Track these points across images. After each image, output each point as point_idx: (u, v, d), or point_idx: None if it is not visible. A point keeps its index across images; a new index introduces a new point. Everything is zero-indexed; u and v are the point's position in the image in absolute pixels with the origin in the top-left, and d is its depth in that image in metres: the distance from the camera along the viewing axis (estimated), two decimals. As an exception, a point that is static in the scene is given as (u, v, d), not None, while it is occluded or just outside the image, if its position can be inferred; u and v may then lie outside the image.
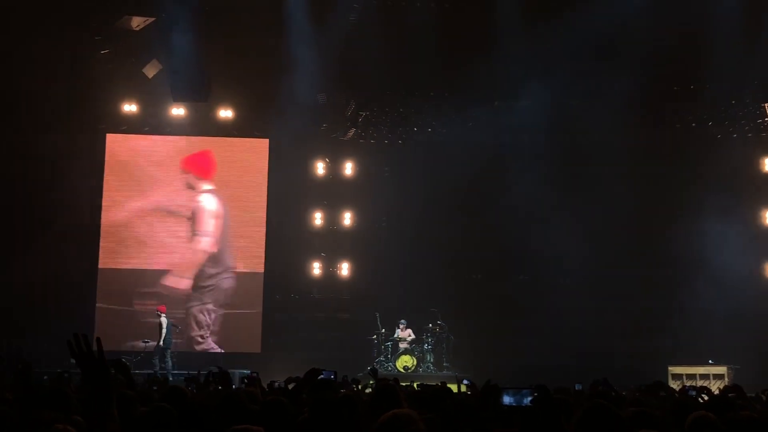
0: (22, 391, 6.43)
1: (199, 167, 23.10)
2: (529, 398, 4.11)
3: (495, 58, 20.17)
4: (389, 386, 6.36)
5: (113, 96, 22.39)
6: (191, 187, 23.00)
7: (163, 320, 20.84)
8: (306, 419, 4.83)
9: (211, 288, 22.75)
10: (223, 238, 22.88)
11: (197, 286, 22.68)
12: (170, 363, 20.26)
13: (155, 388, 9.51)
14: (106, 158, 23.04)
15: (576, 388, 10.55)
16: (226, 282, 22.81)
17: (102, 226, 22.75)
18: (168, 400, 5.57)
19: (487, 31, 20.10)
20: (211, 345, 22.38)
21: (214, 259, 22.81)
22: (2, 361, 6.60)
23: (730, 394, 8.31)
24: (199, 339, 22.43)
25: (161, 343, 20.58)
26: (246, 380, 9.25)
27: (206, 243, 22.80)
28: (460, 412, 5.58)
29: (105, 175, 22.95)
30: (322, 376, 7.07)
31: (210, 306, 22.66)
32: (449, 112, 22.36)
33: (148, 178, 22.95)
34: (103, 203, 22.82)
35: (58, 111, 21.21)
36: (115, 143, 23.22)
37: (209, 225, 22.87)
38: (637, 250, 21.90)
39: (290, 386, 9.53)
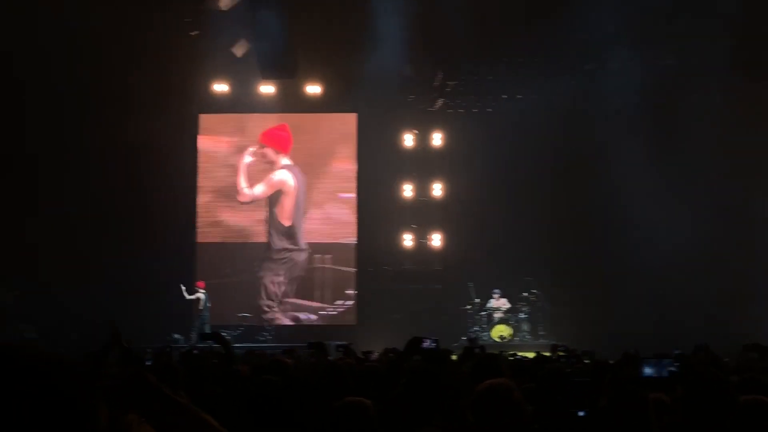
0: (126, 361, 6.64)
1: (276, 141, 23.41)
2: (671, 368, 4.02)
3: (585, 20, 19.72)
4: (491, 356, 6.37)
5: (204, 77, 22.79)
6: (269, 161, 23.33)
7: (201, 296, 21.26)
8: (402, 391, 4.85)
9: (284, 261, 23.10)
10: (299, 212, 23.14)
11: (270, 258, 23.04)
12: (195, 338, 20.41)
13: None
14: (199, 138, 23.57)
15: (675, 353, 10.27)
16: (301, 255, 23.11)
17: (198, 204, 23.34)
18: (271, 372, 5.69)
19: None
20: (277, 316, 22.71)
21: (288, 232, 23.13)
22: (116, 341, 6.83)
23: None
24: (265, 308, 22.81)
25: (205, 318, 21.06)
26: (341, 349, 9.34)
27: (282, 216, 23.10)
28: (556, 381, 5.54)
29: (198, 155, 23.48)
30: (424, 344, 7.07)
31: (281, 278, 23.01)
32: (539, 79, 21.97)
33: (238, 156, 23.40)
34: (198, 182, 23.38)
35: (151, 94, 21.67)
36: (207, 123, 23.72)
37: (285, 199, 23.17)
38: (735, 214, 21.18)
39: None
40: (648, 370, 4.14)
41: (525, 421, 3.88)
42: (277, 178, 23.33)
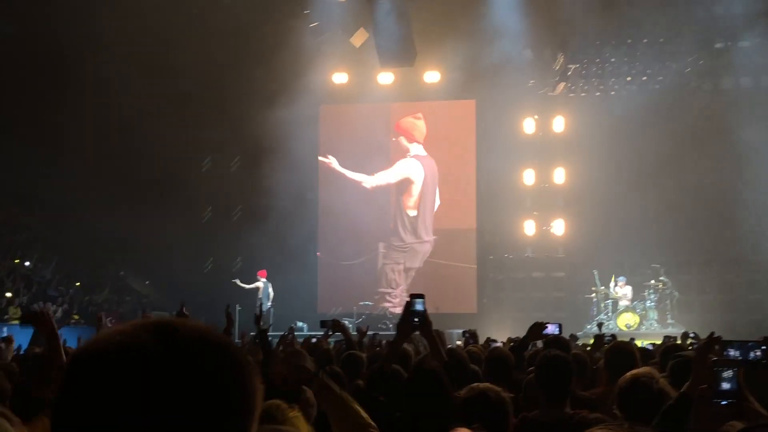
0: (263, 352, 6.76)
1: (409, 130, 23.46)
2: (758, 352, 3.82)
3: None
4: (624, 344, 6.21)
5: (324, 67, 23.05)
6: (402, 150, 23.43)
7: (261, 284, 21.26)
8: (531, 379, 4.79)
9: (406, 250, 23.14)
10: (426, 201, 23.13)
11: (392, 245, 23.18)
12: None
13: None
14: (320, 129, 23.89)
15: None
16: (425, 246, 23.11)
17: (320, 196, 23.67)
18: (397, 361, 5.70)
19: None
20: (396, 303, 22.70)
21: (413, 222, 23.16)
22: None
23: None
24: (386, 297, 22.86)
25: (264, 306, 20.98)
26: (467, 334, 9.29)
27: (409, 205, 23.16)
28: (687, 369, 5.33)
29: (320, 145, 23.79)
30: (547, 330, 6.95)
31: (400, 267, 23.05)
32: (664, 59, 21.26)
33: (361, 145, 23.58)
34: (319, 172, 23.71)
35: (274, 86, 22.08)
36: (329, 114, 24.03)
37: (413, 188, 23.22)
38: None
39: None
40: (733, 353, 3.94)
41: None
42: (402, 167, 23.40)
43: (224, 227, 23.19)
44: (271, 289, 21.37)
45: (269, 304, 20.96)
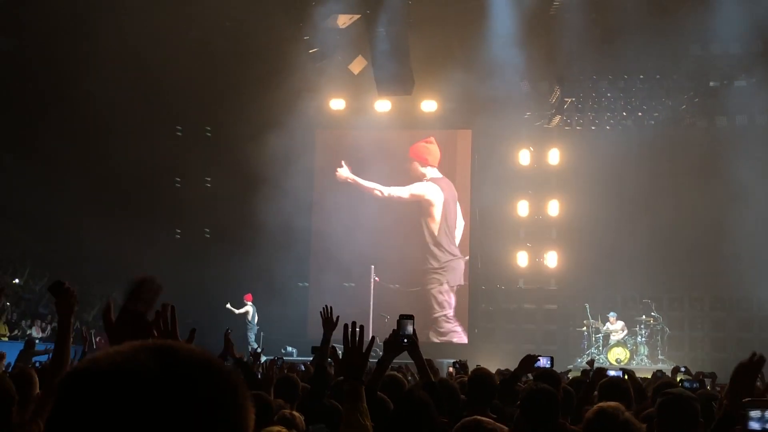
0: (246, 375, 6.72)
1: (422, 155, 23.47)
2: None
3: (709, 35, 19.14)
4: (616, 380, 6.23)
5: (321, 93, 23.11)
6: (419, 175, 23.41)
7: (249, 308, 21.60)
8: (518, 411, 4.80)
9: (441, 270, 23.08)
10: (449, 222, 23.13)
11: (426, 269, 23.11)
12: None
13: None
14: (316, 154, 23.91)
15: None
16: (456, 264, 23.06)
17: (312, 222, 23.59)
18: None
19: (698, 8, 19.10)
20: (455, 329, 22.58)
21: (437, 243, 23.15)
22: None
23: None
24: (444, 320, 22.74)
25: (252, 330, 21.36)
26: (457, 365, 9.28)
27: (432, 227, 23.18)
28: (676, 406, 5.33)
29: (315, 170, 23.79)
30: (539, 363, 6.95)
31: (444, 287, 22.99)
32: (659, 95, 21.40)
33: (355, 170, 23.62)
34: (314, 196, 23.66)
35: (272, 111, 22.13)
36: (324, 139, 24.08)
37: (434, 210, 23.22)
38: None
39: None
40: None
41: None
42: (420, 189, 23.39)
43: (214, 251, 22.96)
44: (256, 313, 21.65)
45: (256, 327, 21.40)
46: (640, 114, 22.15)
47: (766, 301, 19.88)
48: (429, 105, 23.13)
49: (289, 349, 20.65)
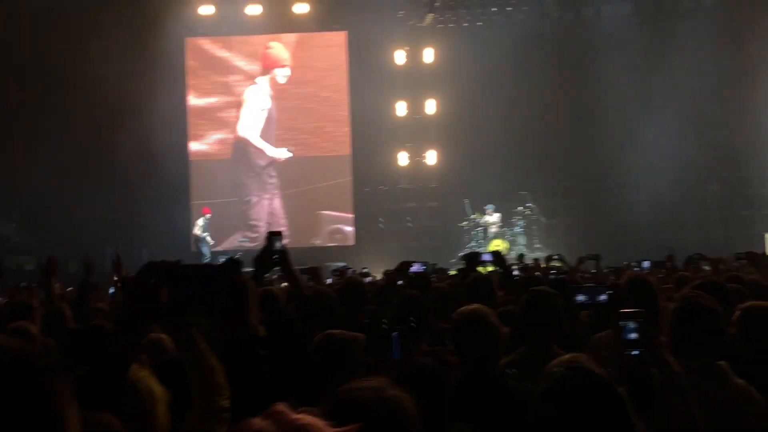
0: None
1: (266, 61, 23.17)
2: (604, 296, 4.07)
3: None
4: (483, 278, 6.45)
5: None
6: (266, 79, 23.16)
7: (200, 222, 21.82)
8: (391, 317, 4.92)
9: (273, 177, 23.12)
10: (270, 126, 23.01)
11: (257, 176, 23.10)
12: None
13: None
14: (187, 63, 23.29)
15: (668, 265, 10.33)
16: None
17: (188, 127, 23.17)
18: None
19: None
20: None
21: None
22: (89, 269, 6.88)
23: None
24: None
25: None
26: (337, 273, 9.41)
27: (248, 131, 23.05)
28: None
29: (187, 79, 23.23)
30: (413, 268, 7.14)
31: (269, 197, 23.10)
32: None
33: (228, 77, 23.19)
34: (188, 104, 23.17)
35: (138, 19, 21.29)
36: (195, 47, 23.42)
37: (258, 116, 23.04)
38: (726, 119, 21.04)
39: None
40: (581, 297, 4.20)
41: (502, 343, 3.97)
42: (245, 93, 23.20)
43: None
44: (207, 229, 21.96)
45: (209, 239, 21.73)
46: (509, 9, 22.35)
47: (638, 189, 20.81)
48: (301, 7, 22.69)
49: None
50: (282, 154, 22.97)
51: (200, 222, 21.87)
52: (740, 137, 20.92)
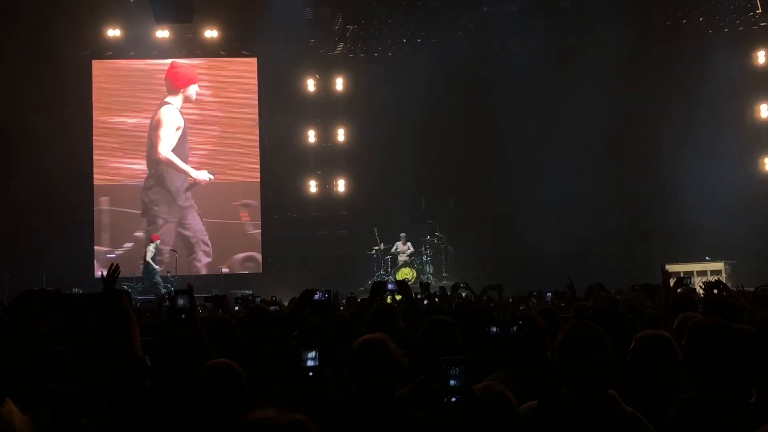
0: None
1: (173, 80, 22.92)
2: (515, 327, 4.13)
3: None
4: (386, 306, 6.44)
5: (96, 21, 21.97)
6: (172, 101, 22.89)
7: (151, 249, 21.29)
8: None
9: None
10: (183, 150, 22.76)
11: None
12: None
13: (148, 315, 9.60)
14: (93, 85, 22.82)
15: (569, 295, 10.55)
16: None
17: (94, 151, 22.67)
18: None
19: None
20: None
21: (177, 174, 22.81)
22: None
23: (714, 290, 8.35)
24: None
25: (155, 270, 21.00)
26: (240, 301, 9.25)
27: (168, 153, 22.74)
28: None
29: (93, 101, 22.76)
30: (316, 297, 7.08)
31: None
32: (439, 22, 21.95)
33: (135, 101, 22.82)
34: (94, 126, 22.68)
35: (42, 40, 20.78)
36: (101, 70, 22.98)
37: (173, 136, 22.75)
38: (629, 149, 21.75)
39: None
40: (494, 329, 4.25)
41: (401, 374, 3.96)
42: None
43: None
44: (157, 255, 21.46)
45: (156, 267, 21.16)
46: (419, 41, 22.66)
47: (543, 219, 21.22)
48: (211, 32, 22.53)
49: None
50: (202, 175, 22.64)
51: (151, 248, 21.30)
52: (639, 172, 21.65)
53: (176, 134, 22.75)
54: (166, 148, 22.62)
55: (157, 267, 21.16)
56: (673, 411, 3.61)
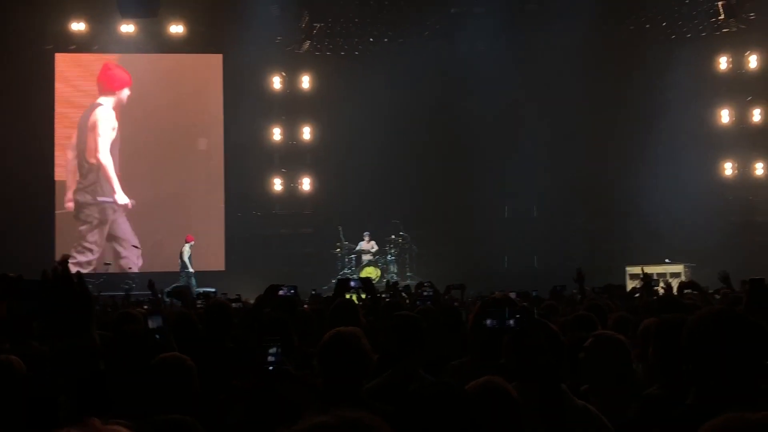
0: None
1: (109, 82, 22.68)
2: (512, 321, 4.12)
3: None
4: (348, 302, 6.44)
5: (60, 14, 21.69)
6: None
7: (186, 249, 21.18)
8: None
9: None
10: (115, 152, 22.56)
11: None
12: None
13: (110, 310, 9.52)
14: (56, 78, 22.53)
15: (533, 295, 10.71)
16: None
17: (56, 145, 22.40)
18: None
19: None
20: (137, 262, 22.22)
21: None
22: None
23: (686, 291, 8.43)
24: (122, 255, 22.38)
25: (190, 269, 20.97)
26: (201, 298, 9.20)
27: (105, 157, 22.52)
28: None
29: (55, 95, 22.48)
30: (281, 292, 7.07)
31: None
32: (405, 22, 21.98)
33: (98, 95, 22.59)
34: (56, 119, 22.41)
35: (3, 32, 20.50)
36: (64, 63, 22.69)
37: (108, 138, 22.53)
38: (592, 151, 21.92)
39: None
40: (490, 322, 4.24)
41: (370, 369, 3.97)
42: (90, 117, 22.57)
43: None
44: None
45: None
46: (386, 40, 22.66)
47: (509, 218, 21.35)
48: (176, 28, 22.33)
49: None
50: (123, 200, 22.43)
51: (186, 248, 21.09)
52: (601, 173, 21.83)
53: (111, 135, 22.50)
54: (103, 151, 22.38)
55: (191, 269, 20.99)
56: (635, 408, 3.65)
